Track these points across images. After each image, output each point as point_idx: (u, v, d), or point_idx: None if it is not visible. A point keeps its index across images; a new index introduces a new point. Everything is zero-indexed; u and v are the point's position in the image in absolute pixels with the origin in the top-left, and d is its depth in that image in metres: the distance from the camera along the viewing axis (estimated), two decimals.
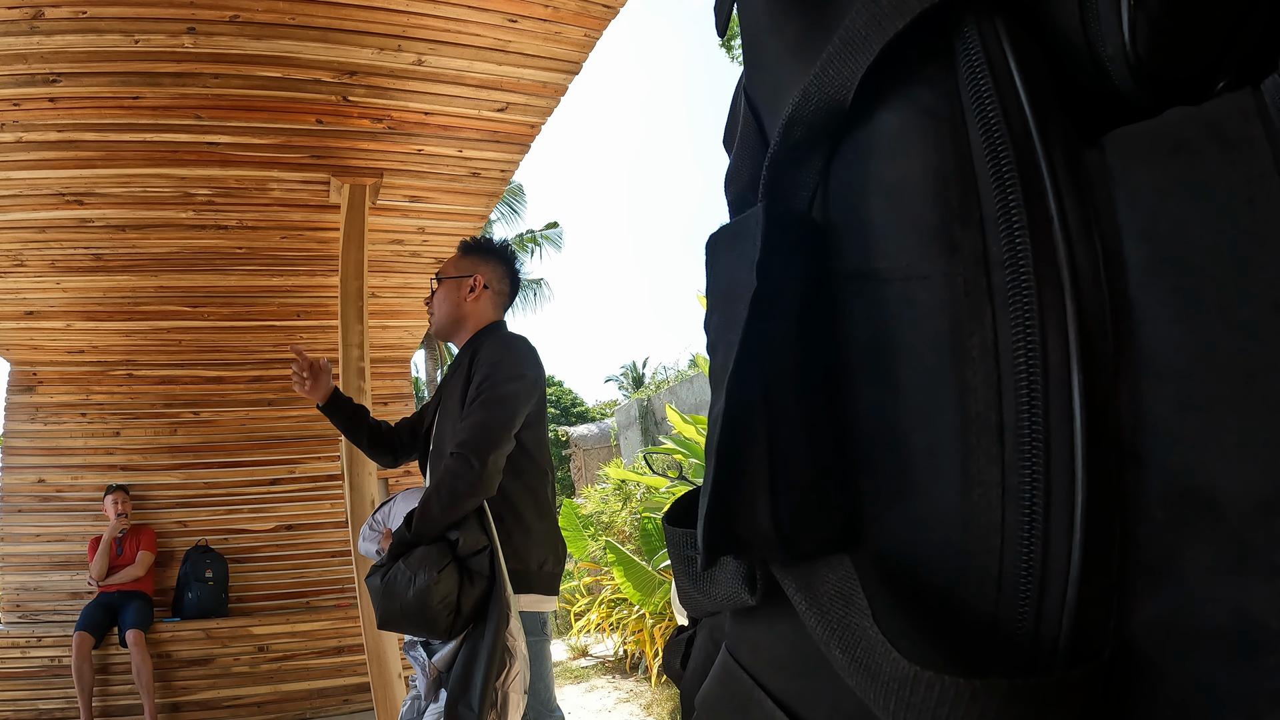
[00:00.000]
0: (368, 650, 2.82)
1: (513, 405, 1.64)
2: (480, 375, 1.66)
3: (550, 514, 1.77)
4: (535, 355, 1.77)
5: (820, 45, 0.28)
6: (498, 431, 1.60)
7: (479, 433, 1.59)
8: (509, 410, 1.63)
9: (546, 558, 1.72)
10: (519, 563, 1.66)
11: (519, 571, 1.65)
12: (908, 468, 0.25)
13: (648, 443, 9.44)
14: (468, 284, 1.82)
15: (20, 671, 3.95)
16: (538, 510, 1.72)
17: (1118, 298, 0.22)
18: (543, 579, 1.71)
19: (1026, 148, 0.23)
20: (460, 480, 1.55)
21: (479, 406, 1.62)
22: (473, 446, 1.57)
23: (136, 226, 3.42)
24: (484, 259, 1.86)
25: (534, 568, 1.69)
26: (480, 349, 1.72)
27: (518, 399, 1.65)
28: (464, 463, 1.56)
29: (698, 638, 0.42)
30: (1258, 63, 0.22)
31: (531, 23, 2.52)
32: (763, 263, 0.28)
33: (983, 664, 0.23)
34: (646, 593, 4.24)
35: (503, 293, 1.88)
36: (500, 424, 1.61)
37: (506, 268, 1.89)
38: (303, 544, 4.91)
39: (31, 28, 2.31)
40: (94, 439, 4.73)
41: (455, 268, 1.85)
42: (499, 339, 1.75)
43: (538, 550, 1.70)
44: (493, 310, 1.85)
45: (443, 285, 1.84)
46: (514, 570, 1.64)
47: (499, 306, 1.87)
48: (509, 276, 1.89)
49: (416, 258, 4.03)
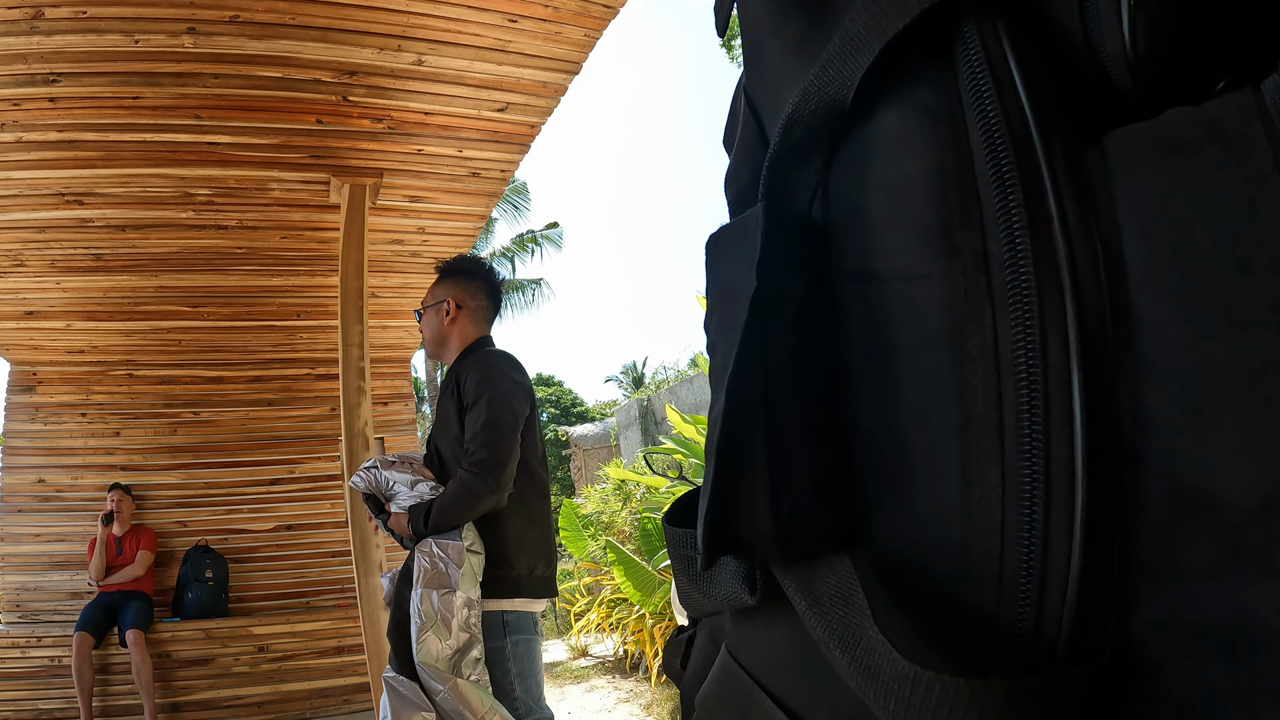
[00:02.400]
0: (368, 650, 2.82)
1: (510, 421, 1.73)
2: (471, 397, 1.75)
3: (541, 520, 1.83)
4: (517, 364, 1.86)
5: (820, 45, 0.28)
6: (502, 452, 1.69)
7: (487, 454, 1.68)
8: (508, 426, 1.72)
9: (537, 563, 1.79)
10: (508, 569, 1.73)
11: (509, 578, 1.73)
12: (908, 468, 0.25)
13: (648, 443, 9.44)
14: (443, 309, 1.91)
15: (20, 671, 3.95)
16: (527, 517, 1.79)
17: (1118, 298, 0.22)
18: (532, 584, 1.77)
19: (1026, 148, 0.23)
20: (473, 497, 1.67)
21: (482, 428, 1.70)
22: (487, 466, 1.67)
23: (136, 226, 3.42)
24: (455, 281, 1.94)
25: (524, 574, 1.75)
26: (465, 371, 1.81)
27: (513, 413, 1.75)
28: (481, 481, 1.67)
29: (698, 638, 0.42)
30: (1258, 63, 0.22)
31: (531, 23, 2.52)
32: (763, 263, 0.28)
33: (983, 664, 0.23)
34: (646, 593, 4.24)
35: (480, 308, 1.94)
36: (503, 442, 1.70)
37: (480, 282, 1.95)
38: (303, 544, 4.91)
39: (31, 28, 2.31)
40: (94, 439, 4.73)
41: (431, 295, 1.95)
42: (478, 359, 1.83)
43: (527, 557, 1.77)
44: (473, 328, 1.93)
45: (425, 314, 1.94)
46: (503, 577, 1.72)
47: (480, 322, 1.94)
48: (484, 290, 1.96)
49: (416, 258, 4.03)
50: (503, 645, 1.69)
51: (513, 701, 1.68)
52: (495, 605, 1.70)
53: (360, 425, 2.92)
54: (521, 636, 1.72)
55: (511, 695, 1.68)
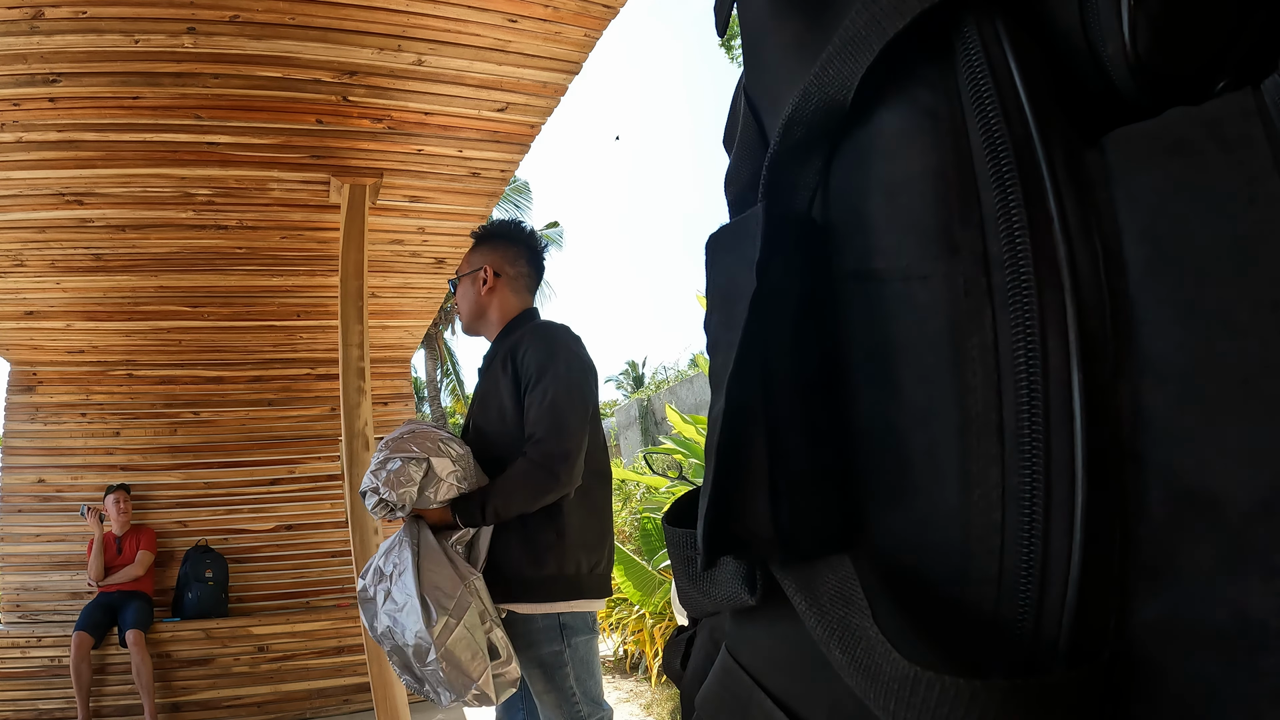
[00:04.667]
0: (368, 650, 2.82)
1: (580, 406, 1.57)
2: (534, 374, 1.56)
3: (603, 510, 1.67)
4: (580, 340, 1.68)
5: (820, 45, 0.28)
6: (573, 441, 1.52)
7: (554, 443, 1.51)
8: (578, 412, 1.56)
9: (599, 559, 1.63)
10: (570, 568, 1.57)
11: (568, 579, 1.57)
12: (907, 468, 0.25)
13: (648, 443, 9.44)
14: (479, 277, 1.73)
15: (20, 671, 3.95)
16: (589, 507, 1.62)
17: (1118, 298, 0.22)
18: (593, 582, 1.62)
19: (1026, 148, 0.23)
20: (537, 490, 1.51)
21: (548, 411, 1.52)
22: (554, 457, 1.50)
23: (136, 226, 3.42)
24: (492, 246, 1.75)
25: (584, 571, 1.60)
26: (521, 344, 1.61)
27: (584, 396, 1.58)
28: (547, 474, 1.50)
29: (698, 638, 0.42)
30: (1258, 63, 0.22)
31: (531, 23, 2.52)
32: (763, 263, 0.28)
33: (983, 664, 0.23)
34: (646, 593, 4.24)
35: (522, 274, 1.75)
36: (574, 429, 1.54)
37: (521, 247, 1.76)
38: (303, 544, 4.92)
39: (31, 28, 2.31)
40: (94, 439, 4.73)
41: (466, 263, 1.77)
42: (538, 331, 1.64)
43: (589, 553, 1.61)
44: (515, 297, 1.74)
45: (460, 284, 1.77)
46: (564, 578, 1.57)
47: (521, 290, 1.75)
48: (525, 255, 1.76)
49: (416, 258, 4.03)
50: (560, 650, 1.56)
51: (573, 705, 1.57)
52: (550, 608, 1.55)
53: (360, 425, 2.92)
54: (580, 638, 1.58)
55: (572, 699, 1.57)
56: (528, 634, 1.56)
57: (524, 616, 1.57)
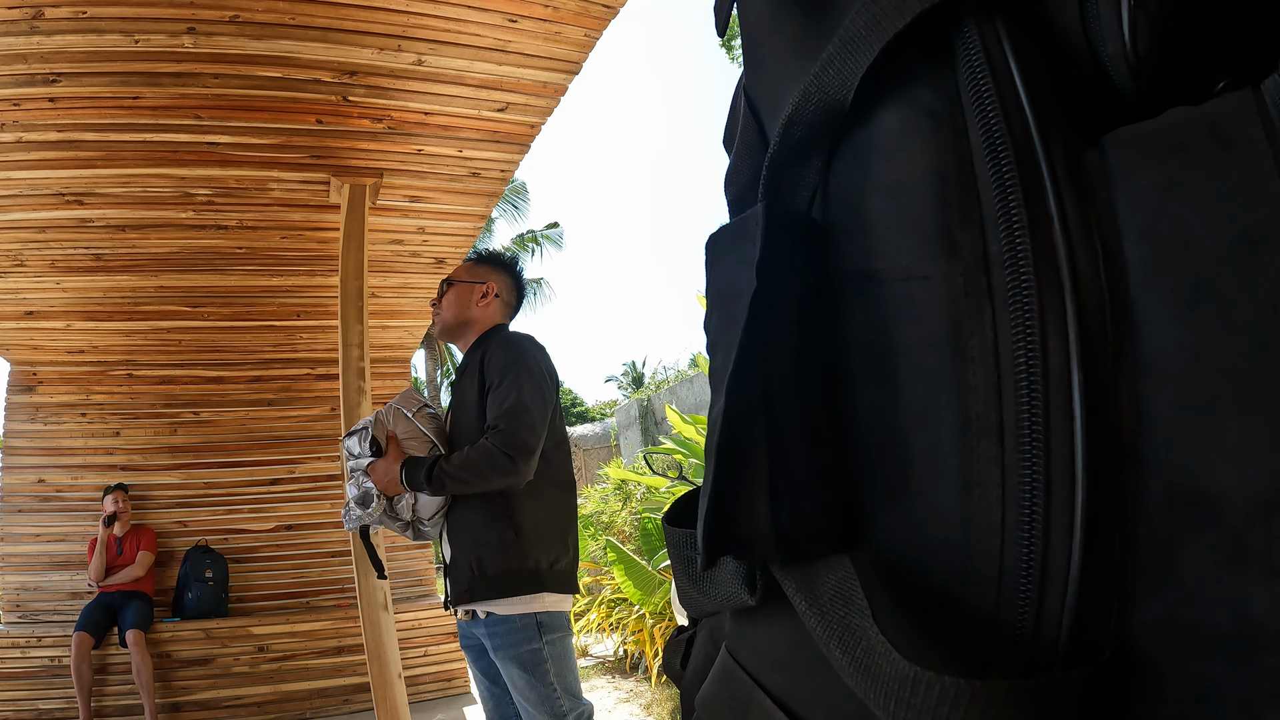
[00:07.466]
0: (368, 650, 2.82)
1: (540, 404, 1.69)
2: (498, 377, 1.70)
3: (557, 511, 1.78)
4: (544, 350, 1.82)
5: (820, 45, 0.28)
6: (532, 434, 1.65)
7: (513, 433, 1.63)
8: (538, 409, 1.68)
9: (558, 556, 1.74)
10: (529, 561, 1.69)
11: (529, 571, 1.68)
12: (907, 468, 0.25)
13: (648, 443, 9.44)
14: (480, 289, 1.88)
15: (20, 671, 3.95)
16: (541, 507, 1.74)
17: (1118, 298, 0.22)
18: (555, 577, 1.72)
19: (1027, 148, 0.23)
20: (491, 469, 1.62)
21: (511, 407, 1.65)
22: (512, 445, 1.63)
23: (136, 226, 3.42)
24: (497, 270, 1.94)
25: (545, 566, 1.71)
26: (489, 350, 1.77)
27: (543, 397, 1.71)
28: (503, 457, 1.62)
29: (698, 638, 0.42)
30: (1258, 63, 0.22)
31: (531, 23, 2.52)
32: (763, 263, 0.28)
33: (983, 664, 0.23)
34: (646, 593, 4.24)
35: (510, 304, 1.96)
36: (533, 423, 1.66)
37: (515, 282, 1.98)
38: (303, 544, 4.92)
39: (31, 28, 2.31)
40: (94, 439, 4.73)
41: (469, 273, 1.92)
42: (504, 339, 1.81)
43: (547, 549, 1.72)
44: (499, 316, 1.92)
45: (453, 288, 1.89)
46: (526, 571, 1.68)
47: (505, 315, 1.95)
48: (516, 290, 1.98)
49: (416, 258, 4.03)
50: (539, 648, 1.67)
51: (555, 700, 1.67)
52: (526, 608, 1.68)
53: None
54: (556, 635, 1.71)
55: (553, 694, 1.68)
56: (507, 634, 1.68)
57: (503, 617, 1.68)
